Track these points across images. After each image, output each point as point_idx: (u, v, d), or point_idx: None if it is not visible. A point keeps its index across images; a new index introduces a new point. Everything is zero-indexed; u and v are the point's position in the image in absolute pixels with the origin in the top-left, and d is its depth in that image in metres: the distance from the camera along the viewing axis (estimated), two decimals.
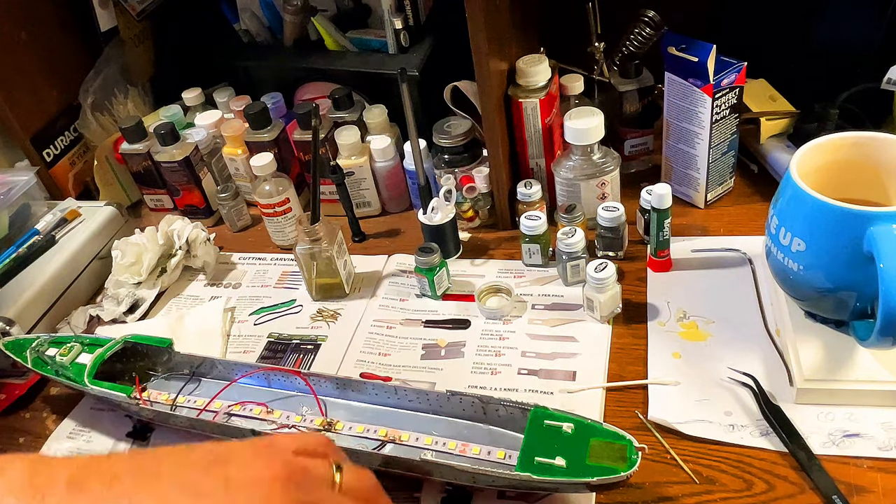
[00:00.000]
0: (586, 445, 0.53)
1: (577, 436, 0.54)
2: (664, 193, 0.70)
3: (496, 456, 0.58)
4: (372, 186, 0.91)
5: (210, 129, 0.97)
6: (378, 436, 0.61)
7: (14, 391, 0.76)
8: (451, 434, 0.61)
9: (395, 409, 0.64)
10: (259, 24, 1.01)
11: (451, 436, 0.60)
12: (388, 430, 0.62)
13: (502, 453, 0.58)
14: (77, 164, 1.03)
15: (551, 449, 0.53)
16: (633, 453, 0.52)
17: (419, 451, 0.57)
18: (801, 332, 0.63)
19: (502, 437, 0.60)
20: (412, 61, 0.91)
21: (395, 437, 0.61)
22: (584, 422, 0.55)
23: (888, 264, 0.51)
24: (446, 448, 0.59)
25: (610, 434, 0.54)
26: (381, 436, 0.61)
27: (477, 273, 0.81)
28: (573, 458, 0.53)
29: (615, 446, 0.53)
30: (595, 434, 0.54)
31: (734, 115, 0.77)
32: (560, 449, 0.53)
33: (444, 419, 0.62)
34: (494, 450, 0.58)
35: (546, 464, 0.52)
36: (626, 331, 0.70)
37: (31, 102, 0.96)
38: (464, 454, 0.58)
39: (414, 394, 0.63)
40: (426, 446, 0.59)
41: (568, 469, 0.52)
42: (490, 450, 0.58)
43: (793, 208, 0.58)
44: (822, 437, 0.57)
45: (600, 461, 0.52)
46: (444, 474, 0.56)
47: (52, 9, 0.97)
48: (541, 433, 0.55)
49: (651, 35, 0.84)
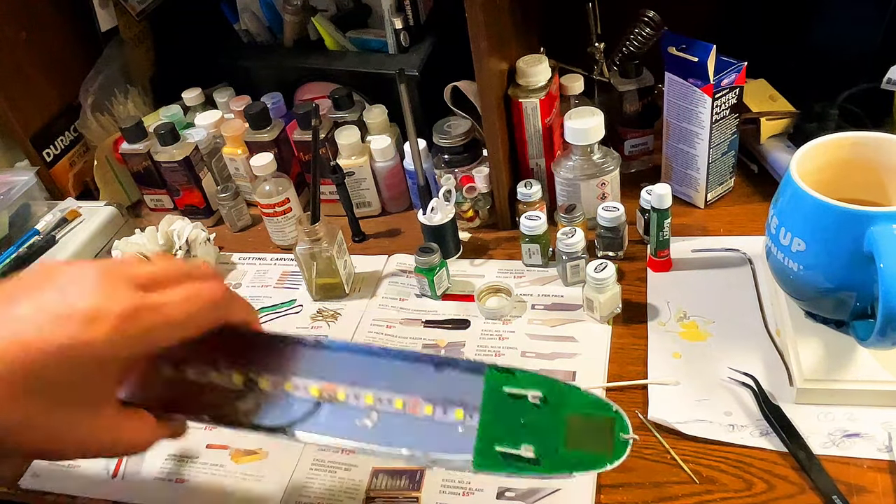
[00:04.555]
0: (561, 424, 0.42)
1: (548, 409, 0.43)
2: (664, 193, 0.70)
3: (453, 417, 0.44)
4: (372, 186, 0.91)
5: (210, 129, 0.97)
6: (310, 394, 0.46)
7: None
8: (397, 385, 0.46)
9: (331, 352, 0.48)
10: (259, 24, 1.01)
11: (397, 388, 0.46)
12: (323, 384, 0.46)
13: (461, 413, 0.44)
14: (77, 164, 1.03)
15: (516, 431, 0.42)
16: (623, 429, 0.42)
17: (358, 415, 0.44)
18: (801, 332, 0.63)
19: (460, 383, 0.45)
20: (412, 61, 0.91)
21: (330, 394, 0.46)
22: (556, 386, 0.44)
23: (888, 264, 0.51)
24: (392, 408, 0.45)
25: (590, 403, 0.43)
26: (314, 395, 0.46)
27: (477, 273, 0.81)
28: (545, 445, 0.42)
29: (599, 422, 0.42)
30: (571, 405, 0.43)
31: (734, 115, 0.77)
32: (528, 430, 0.42)
33: (387, 363, 0.47)
34: (452, 408, 0.44)
35: (511, 455, 0.42)
36: (625, 331, 0.70)
37: (31, 102, 0.96)
38: (414, 413, 0.44)
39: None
40: (368, 406, 0.45)
41: (539, 461, 0.42)
42: (446, 408, 0.44)
43: (793, 208, 0.58)
44: (822, 437, 0.57)
45: (581, 447, 0.42)
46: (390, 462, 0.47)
47: (52, 9, 0.97)
48: (501, 407, 0.43)
49: (651, 35, 0.84)
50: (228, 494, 0.64)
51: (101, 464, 0.68)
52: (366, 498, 0.61)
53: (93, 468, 0.68)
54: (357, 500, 0.61)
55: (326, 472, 0.63)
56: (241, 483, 0.64)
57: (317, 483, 0.63)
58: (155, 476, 0.66)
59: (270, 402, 0.45)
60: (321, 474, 0.63)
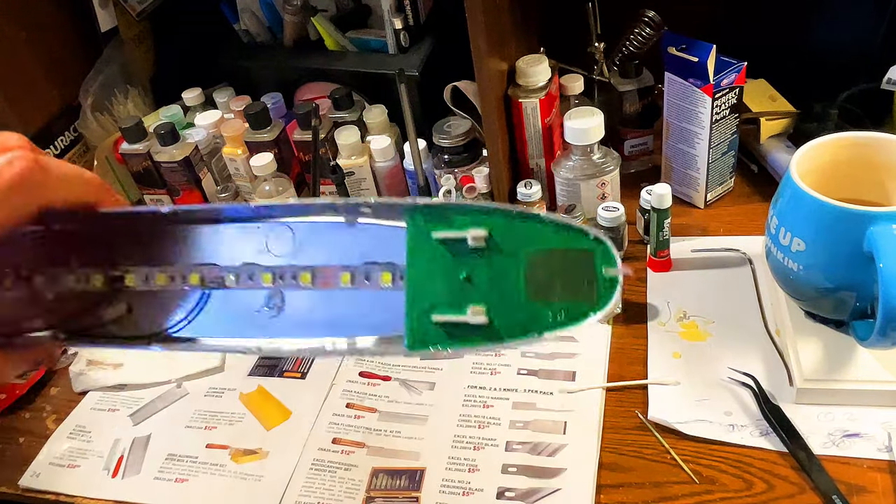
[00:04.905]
0: (518, 268, 0.30)
1: (497, 252, 0.31)
2: (664, 193, 0.70)
3: (380, 281, 0.32)
4: (372, 186, 0.91)
5: (210, 129, 0.97)
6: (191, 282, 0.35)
7: (14, 391, 0.76)
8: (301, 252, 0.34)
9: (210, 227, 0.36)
10: (259, 24, 1.01)
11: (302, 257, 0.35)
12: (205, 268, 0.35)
13: (388, 276, 0.32)
14: (77, 164, 1.02)
15: (458, 289, 0.30)
16: (608, 261, 0.29)
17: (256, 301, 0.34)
18: (801, 332, 0.63)
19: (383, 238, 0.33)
20: (412, 61, 0.91)
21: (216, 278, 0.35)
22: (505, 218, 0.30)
23: (888, 264, 0.50)
24: (299, 284, 0.33)
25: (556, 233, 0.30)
26: (195, 283, 0.35)
27: None
28: (499, 301, 0.30)
29: (571, 257, 0.30)
30: (530, 240, 0.30)
31: (734, 115, 0.77)
32: (475, 287, 0.30)
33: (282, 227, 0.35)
34: (376, 272, 0.32)
35: (455, 325, 0.30)
36: (625, 331, 0.70)
37: (31, 102, 0.96)
38: (327, 287, 0.33)
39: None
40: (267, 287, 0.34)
41: (493, 326, 0.30)
42: (368, 271, 0.32)
43: (793, 208, 0.58)
44: (822, 437, 0.57)
45: (549, 295, 0.30)
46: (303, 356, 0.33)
47: (52, 9, 0.97)
48: (434, 261, 0.31)
49: (651, 35, 0.84)
50: (228, 494, 0.64)
51: (101, 464, 0.68)
52: (365, 498, 0.61)
53: (93, 468, 0.68)
54: (357, 500, 0.60)
55: (326, 472, 0.63)
56: (241, 483, 0.64)
57: (317, 483, 0.63)
58: (155, 476, 0.66)
59: (143, 302, 0.35)
60: (321, 474, 0.63)
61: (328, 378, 0.72)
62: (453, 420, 0.65)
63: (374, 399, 0.69)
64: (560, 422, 0.63)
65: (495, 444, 0.63)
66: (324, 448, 0.65)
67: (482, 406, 0.66)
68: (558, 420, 0.63)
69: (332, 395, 0.70)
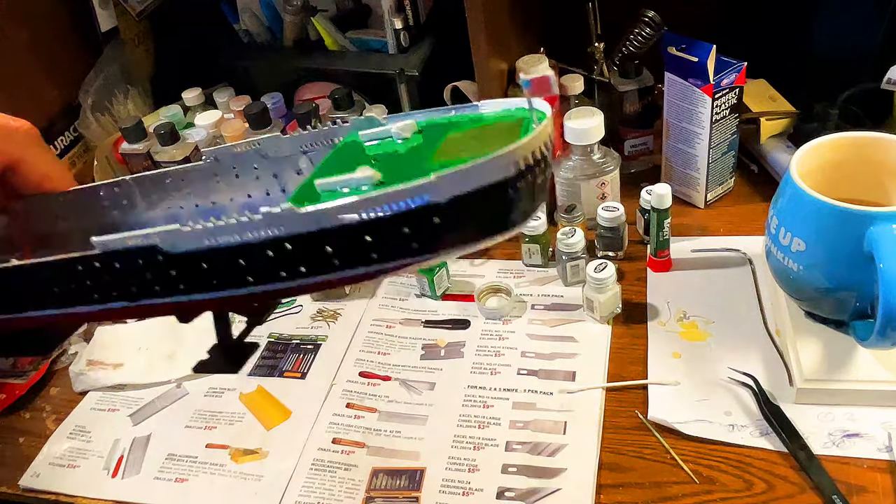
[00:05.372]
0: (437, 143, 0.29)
1: (420, 142, 0.30)
2: (664, 193, 0.70)
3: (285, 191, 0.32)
4: None
5: (210, 129, 0.97)
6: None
7: (14, 391, 0.76)
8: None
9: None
10: (259, 24, 1.01)
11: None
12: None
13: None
14: (77, 164, 1.03)
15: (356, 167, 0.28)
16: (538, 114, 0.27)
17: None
18: (801, 332, 0.63)
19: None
20: (412, 61, 0.91)
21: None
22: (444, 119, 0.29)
23: (888, 264, 0.50)
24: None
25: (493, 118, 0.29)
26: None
27: (477, 273, 0.81)
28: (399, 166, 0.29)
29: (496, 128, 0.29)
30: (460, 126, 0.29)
31: (734, 115, 0.77)
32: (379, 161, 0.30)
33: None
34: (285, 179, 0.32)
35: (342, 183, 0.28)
36: (625, 331, 0.70)
37: (31, 102, 0.96)
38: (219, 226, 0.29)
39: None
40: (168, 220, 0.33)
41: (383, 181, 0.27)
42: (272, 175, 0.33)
43: (793, 208, 0.58)
44: (822, 437, 0.57)
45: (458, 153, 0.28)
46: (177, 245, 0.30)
47: (52, 9, 0.97)
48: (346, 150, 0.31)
49: (651, 35, 0.84)
50: (228, 494, 0.64)
51: (101, 464, 0.68)
52: (365, 498, 0.61)
53: (93, 468, 0.68)
54: (357, 500, 0.60)
55: (326, 471, 0.63)
56: (240, 483, 0.64)
57: (316, 483, 0.63)
58: (155, 476, 0.66)
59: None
60: (321, 474, 0.63)
61: (328, 378, 0.72)
62: (453, 420, 0.66)
63: (374, 399, 0.69)
64: (560, 422, 0.63)
65: (495, 444, 0.63)
66: (324, 448, 0.65)
67: (482, 406, 0.66)
68: (558, 420, 0.63)
69: (332, 395, 0.70)
